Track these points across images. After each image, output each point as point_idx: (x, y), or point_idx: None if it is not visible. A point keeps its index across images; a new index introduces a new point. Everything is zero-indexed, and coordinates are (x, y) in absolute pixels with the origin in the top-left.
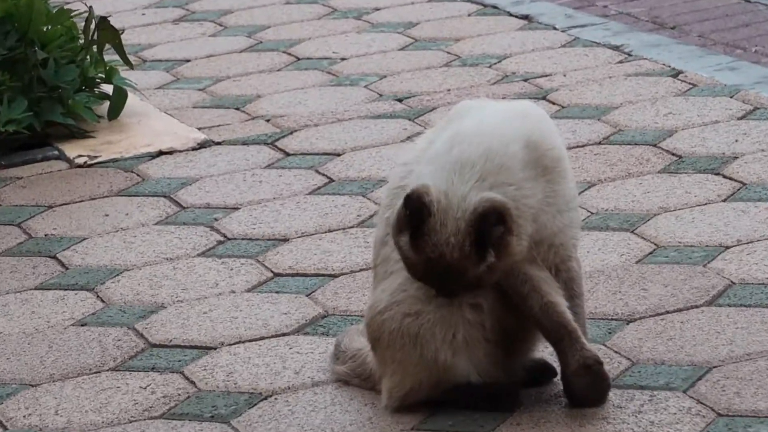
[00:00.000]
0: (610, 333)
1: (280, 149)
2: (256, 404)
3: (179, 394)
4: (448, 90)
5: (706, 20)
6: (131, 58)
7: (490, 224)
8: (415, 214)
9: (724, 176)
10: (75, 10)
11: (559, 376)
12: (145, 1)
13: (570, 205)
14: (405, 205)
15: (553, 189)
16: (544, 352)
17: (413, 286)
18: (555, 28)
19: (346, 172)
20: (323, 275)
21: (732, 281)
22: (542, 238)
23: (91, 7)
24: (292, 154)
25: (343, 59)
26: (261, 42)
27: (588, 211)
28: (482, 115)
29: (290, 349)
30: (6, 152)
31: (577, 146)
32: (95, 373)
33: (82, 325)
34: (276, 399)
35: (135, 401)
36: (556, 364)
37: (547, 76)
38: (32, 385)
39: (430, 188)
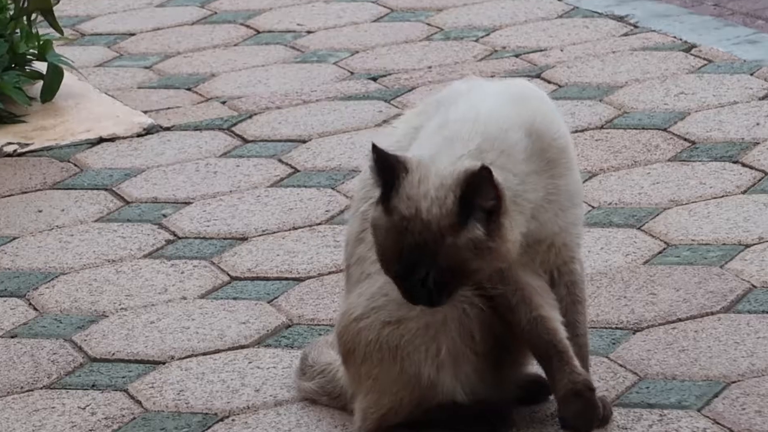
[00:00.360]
0: (614, 344)
1: (238, 135)
2: (210, 426)
3: (123, 415)
4: (429, 67)
5: None
6: (67, 31)
7: (482, 186)
8: (388, 168)
9: (744, 164)
10: None
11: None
12: None
13: (574, 201)
14: (375, 160)
15: (555, 185)
16: (538, 366)
17: (395, 290)
18: None
19: (313, 161)
20: (287, 279)
21: (753, 284)
22: (542, 237)
23: None
24: (252, 141)
25: (309, 32)
26: (215, 13)
27: (589, 204)
28: (473, 100)
29: (250, 363)
30: None
31: (577, 131)
32: (27, 391)
33: (11, 337)
34: (233, 420)
35: (72, 423)
36: None
37: (541, 51)
38: None
39: (411, 156)
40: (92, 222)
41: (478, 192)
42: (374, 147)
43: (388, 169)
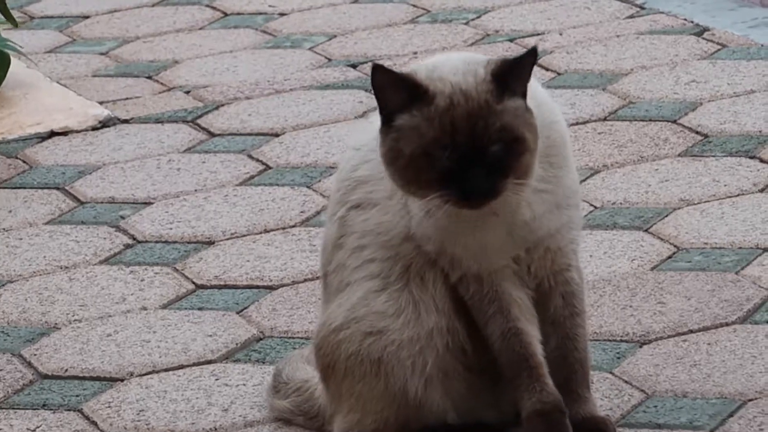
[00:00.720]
0: (619, 358)
1: (203, 128)
2: None
3: None
4: (415, 53)
5: None
6: (15, 14)
7: (523, 69)
8: (398, 82)
9: (762, 160)
10: None
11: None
12: None
13: (570, 201)
14: (382, 79)
15: (554, 174)
16: None
17: (378, 300)
18: None
19: (286, 156)
20: (258, 287)
21: None
22: (536, 239)
23: None
24: (219, 135)
25: (281, 14)
26: None
27: (591, 204)
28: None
29: (217, 380)
30: None
31: (578, 123)
32: None
33: None
34: None
35: None
36: None
37: (538, 34)
38: None
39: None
40: (43, 224)
41: (515, 73)
42: (377, 67)
43: (399, 82)
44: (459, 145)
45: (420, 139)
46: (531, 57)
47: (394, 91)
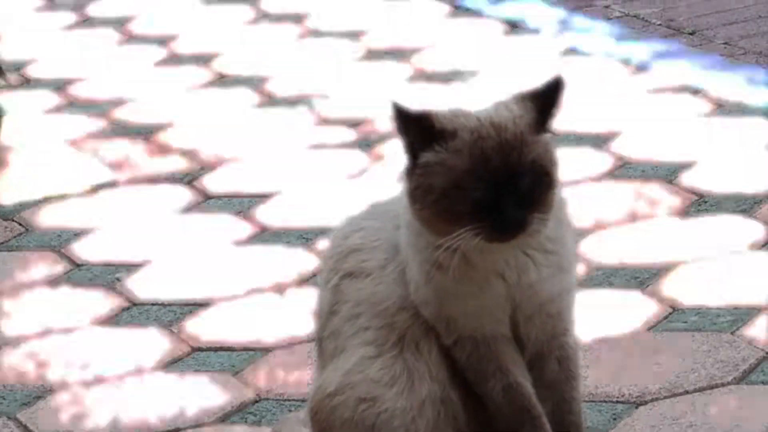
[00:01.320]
0: (614, 419)
1: (199, 189)
2: None
3: None
4: None
5: (734, 23)
6: (12, 75)
7: (556, 95)
8: (418, 120)
9: (758, 219)
10: None
11: None
12: (29, 3)
13: (570, 267)
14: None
15: (560, 235)
16: None
17: (373, 367)
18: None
19: (282, 218)
20: (254, 349)
21: (767, 353)
22: (538, 303)
23: None
24: (214, 197)
25: (278, 74)
26: (175, 54)
27: (586, 265)
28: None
29: None
30: None
31: (572, 183)
32: None
33: None
34: None
35: None
36: None
37: None
38: None
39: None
40: (38, 287)
41: (549, 106)
42: (393, 107)
43: (415, 120)
44: (492, 176)
45: (450, 172)
46: (560, 88)
47: (413, 129)
